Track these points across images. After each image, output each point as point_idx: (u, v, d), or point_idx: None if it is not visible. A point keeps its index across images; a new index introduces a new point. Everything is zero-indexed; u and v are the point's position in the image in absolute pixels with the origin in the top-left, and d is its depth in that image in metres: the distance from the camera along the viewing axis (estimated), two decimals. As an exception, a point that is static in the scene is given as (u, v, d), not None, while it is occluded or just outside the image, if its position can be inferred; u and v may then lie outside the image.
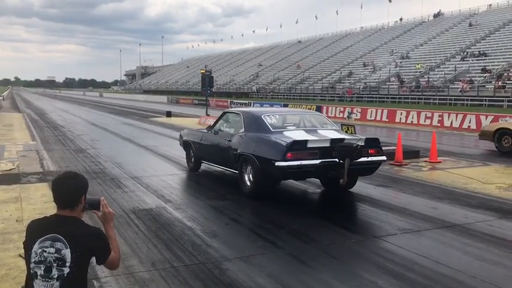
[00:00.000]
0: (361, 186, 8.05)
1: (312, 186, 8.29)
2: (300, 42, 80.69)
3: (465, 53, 41.08)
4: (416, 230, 5.75)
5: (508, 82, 31.98)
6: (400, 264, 4.61)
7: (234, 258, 4.72)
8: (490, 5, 52.50)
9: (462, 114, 22.69)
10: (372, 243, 5.36)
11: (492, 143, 13.47)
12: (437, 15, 58.32)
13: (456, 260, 4.74)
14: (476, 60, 38.58)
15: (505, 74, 33.58)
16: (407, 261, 4.68)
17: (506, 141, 13.06)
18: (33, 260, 2.37)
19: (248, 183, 7.39)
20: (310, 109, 29.93)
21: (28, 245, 2.43)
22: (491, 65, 36.05)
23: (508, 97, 30.21)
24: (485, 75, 34.94)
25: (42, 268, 2.35)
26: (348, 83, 47.17)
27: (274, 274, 4.35)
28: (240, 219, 6.38)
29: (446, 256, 4.84)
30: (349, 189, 7.78)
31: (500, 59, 36.77)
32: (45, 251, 2.36)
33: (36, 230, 2.45)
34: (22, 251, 2.52)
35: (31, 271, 2.38)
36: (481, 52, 39.35)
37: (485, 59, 37.87)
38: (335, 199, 7.64)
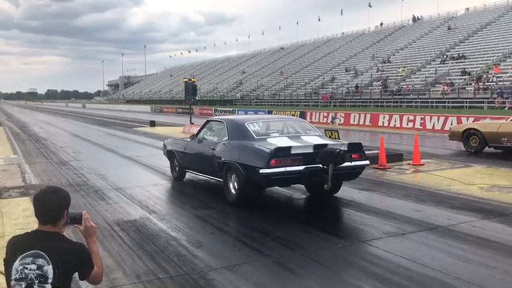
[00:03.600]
0: (346, 191, 8.10)
1: (297, 193, 8.31)
2: (282, 49, 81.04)
3: (445, 56, 41.65)
4: (401, 233, 5.79)
5: (487, 84, 32.49)
6: (385, 268, 4.64)
7: (219, 267, 4.70)
8: (468, 8, 53.42)
9: (444, 117, 23.00)
10: (358, 247, 5.38)
11: (461, 143, 13.78)
12: (416, 20, 59.11)
13: (441, 262, 4.78)
14: (456, 62, 39.14)
15: (484, 76, 34.13)
16: (393, 265, 4.71)
17: (473, 141, 13.35)
18: (14, 277, 2.33)
19: (233, 192, 7.37)
20: (294, 115, 30.06)
21: (9, 262, 2.39)
22: (471, 67, 36.61)
23: (487, 98, 30.69)
24: (465, 77, 35.47)
25: (23, 285, 2.31)
26: (331, 88, 47.48)
27: (260, 283, 4.34)
28: (225, 228, 6.36)
29: (431, 258, 4.88)
30: (334, 194, 7.82)
31: (479, 61, 37.37)
32: (27, 268, 2.32)
33: (17, 246, 2.41)
34: (3, 268, 2.48)
35: (12, 289, 2.34)
36: (460, 55, 39.94)
37: (465, 62, 38.44)
38: (320, 205, 7.67)
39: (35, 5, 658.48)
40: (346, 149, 6.99)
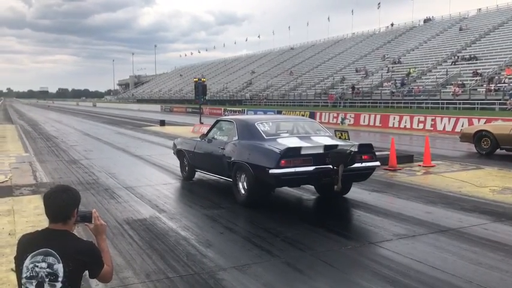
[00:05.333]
0: (356, 192, 8.06)
1: (307, 193, 8.28)
2: (292, 49, 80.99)
3: (456, 57, 41.36)
4: (412, 235, 5.74)
5: (499, 85, 32.20)
6: (395, 270, 4.60)
7: (229, 267, 4.69)
8: (480, 9, 53.01)
9: (455, 118, 22.81)
10: (368, 249, 5.35)
11: (472, 144, 13.66)
12: (427, 20, 58.76)
13: (452, 265, 4.73)
14: (467, 64, 38.85)
15: (496, 77, 33.83)
16: (403, 267, 4.67)
17: (485, 142, 13.23)
18: (24, 275, 2.34)
19: (242, 191, 7.36)
20: (303, 115, 30.00)
21: (19, 260, 2.40)
22: (482, 69, 36.32)
23: (499, 100, 30.42)
24: (476, 78, 35.19)
25: (34, 283, 2.32)
26: (341, 88, 47.33)
27: (270, 283, 4.32)
28: (234, 227, 6.35)
29: (442, 261, 4.84)
30: (344, 195, 7.78)
31: (491, 62, 37.07)
32: (37, 266, 2.33)
33: (28, 244, 2.42)
34: (14, 266, 2.48)
35: (22, 287, 2.35)
36: (472, 56, 39.65)
37: (476, 63, 38.15)
38: (330, 206, 7.63)
39: (47, 4, 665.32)
40: (356, 149, 6.94)
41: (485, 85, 33.39)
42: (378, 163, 7.54)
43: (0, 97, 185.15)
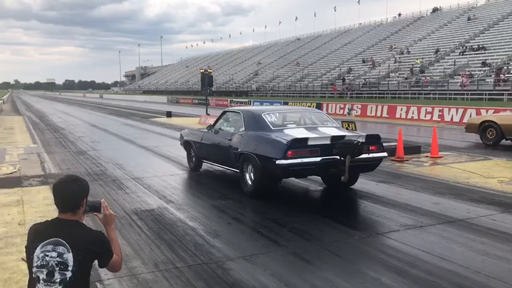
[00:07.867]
0: (363, 183, 8.05)
1: (314, 184, 8.28)
2: (298, 39, 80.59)
3: (464, 47, 41.00)
4: (419, 226, 5.74)
5: (508, 75, 31.91)
6: (403, 260, 4.60)
7: (236, 257, 4.71)
8: (489, -2, 52.41)
9: (462, 109, 22.65)
10: (375, 240, 5.35)
11: (478, 135, 13.60)
12: (435, 10, 58.21)
13: (459, 256, 4.73)
14: (476, 54, 38.50)
15: (505, 68, 33.51)
16: (411, 258, 4.67)
17: (490, 133, 13.15)
18: (35, 264, 2.36)
19: (249, 182, 7.38)
20: (310, 106, 29.93)
21: (30, 249, 2.42)
22: (491, 59, 35.97)
23: (507, 90, 30.16)
24: (484, 69, 34.88)
25: (45, 272, 2.34)
26: (348, 79, 47.11)
27: (277, 273, 4.34)
28: (242, 218, 6.38)
29: (450, 251, 4.83)
30: (351, 186, 7.78)
31: (499, 52, 36.69)
32: (47, 255, 2.35)
33: (38, 234, 2.44)
34: (25, 255, 2.51)
35: (33, 275, 2.37)
36: (480, 46, 39.27)
37: (485, 53, 37.79)
38: (337, 196, 7.63)
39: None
40: (363, 140, 6.92)
41: (493, 75, 33.09)
42: (385, 154, 7.51)
43: (8, 89, 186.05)
